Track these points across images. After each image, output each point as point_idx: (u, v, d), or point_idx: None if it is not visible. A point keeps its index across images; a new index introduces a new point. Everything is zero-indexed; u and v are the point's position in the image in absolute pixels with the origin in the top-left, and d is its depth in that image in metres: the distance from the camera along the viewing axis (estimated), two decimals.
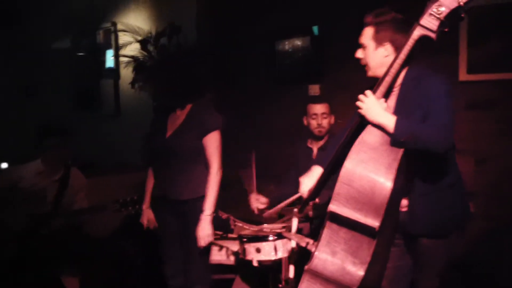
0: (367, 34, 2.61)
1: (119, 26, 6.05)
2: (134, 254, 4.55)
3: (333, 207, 2.41)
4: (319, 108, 3.90)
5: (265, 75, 5.29)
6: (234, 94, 5.43)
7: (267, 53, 5.24)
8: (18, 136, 7.12)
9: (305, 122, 3.99)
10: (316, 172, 2.82)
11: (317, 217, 3.19)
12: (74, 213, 4.08)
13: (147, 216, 3.62)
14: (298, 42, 5.05)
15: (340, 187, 2.40)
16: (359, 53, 2.66)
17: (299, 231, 3.30)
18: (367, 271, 2.39)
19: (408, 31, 2.44)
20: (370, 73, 2.65)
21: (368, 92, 2.51)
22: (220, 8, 5.62)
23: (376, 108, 2.46)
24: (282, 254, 3.27)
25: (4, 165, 5.46)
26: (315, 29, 4.91)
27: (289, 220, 3.31)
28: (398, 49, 2.50)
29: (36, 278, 3.91)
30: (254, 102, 5.35)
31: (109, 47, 6.56)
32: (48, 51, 7.52)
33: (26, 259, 3.87)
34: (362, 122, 2.53)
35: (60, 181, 4.10)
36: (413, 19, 2.44)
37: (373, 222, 2.35)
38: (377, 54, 2.60)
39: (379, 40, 2.58)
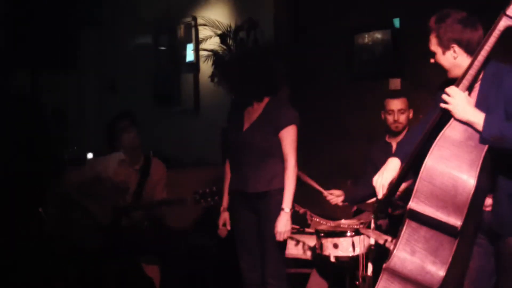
0: (432, 42, 2.59)
1: (200, 20, 6.14)
2: (211, 246, 4.62)
3: (413, 204, 2.36)
4: (396, 104, 3.82)
5: (342, 70, 5.23)
6: (310, 89, 5.40)
7: (345, 47, 5.17)
8: (102, 130, 7.39)
9: (382, 116, 3.93)
10: (392, 164, 2.75)
11: (396, 214, 3.13)
12: (154, 204, 4.19)
13: (224, 218, 3.64)
14: (378, 36, 4.97)
15: (420, 184, 2.34)
16: (432, 60, 2.64)
17: (377, 227, 3.26)
18: (448, 272, 2.33)
19: (474, 26, 2.44)
20: (449, 75, 2.61)
21: (453, 88, 2.44)
22: (297, 1, 5.60)
23: (464, 104, 2.40)
24: (359, 250, 3.23)
25: (90, 156, 5.69)
26: (396, 21, 4.81)
27: (367, 216, 3.28)
28: (468, 46, 2.48)
29: (119, 266, 4.05)
30: (331, 97, 5.29)
31: (189, 41, 6.67)
32: (129, 47, 7.73)
33: (111, 249, 4.01)
34: (444, 117, 2.47)
35: (141, 170, 4.22)
36: (478, 12, 2.42)
37: (455, 221, 2.28)
38: (446, 58, 2.57)
39: (444, 45, 2.54)
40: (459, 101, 2.41)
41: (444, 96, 2.46)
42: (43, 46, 6.27)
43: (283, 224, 3.33)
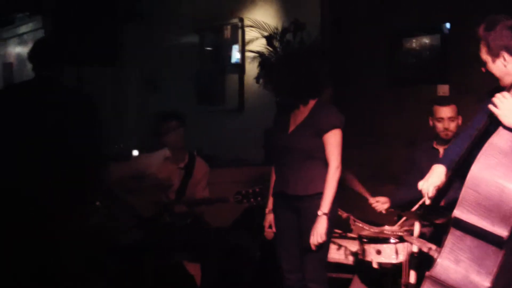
0: (482, 50, 2.58)
1: (247, 22, 6.17)
2: (252, 246, 4.64)
3: (458, 213, 2.33)
4: (445, 111, 3.76)
5: (387, 74, 5.18)
6: (353, 91, 5.37)
7: (392, 51, 5.12)
8: (146, 127, 7.50)
9: (430, 123, 3.87)
10: (438, 170, 2.72)
11: (440, 221, 3.09)
12: (196, 202, 4.24)
13: (269, 220, 3.65)
14: (426, 40, 4.90)
15: (466, 192, 2.31)
16: (483, 69, 2.61)
17: (421, 235, 3.22)
18: (494, 283, 2.29)
19: None
20: (501, 83, 2.57)
21: (506, 93, 2.40)
22: (344, 4, 5.58)
23: None
24: (403, 257, 3.20)
25: (135, 153, 5.78)
26: (445, 26, 4.74)
27: (411, 223, 3.24)
28: None
29: (160, 262, 4.11)
30: (374, 101, 5.25)
31: (235, 42, 6.71)
32: (174, 45, 7.81)
33: (151, 244, 4.07)
34: (492, 124, 2.43)
35: (185, 168, 4.28)
36: None
37: (501, 231, 2.24)
38: (497, 66, 2.55)
39: (493, 53, 2.53)
40: (509, 107, 2.37)
41: (494, 99, 2.42)
42: (87, 41, 6.39)
43: (318, 228, 3.32)
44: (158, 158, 4.28)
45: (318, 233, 3.31)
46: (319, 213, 3.31)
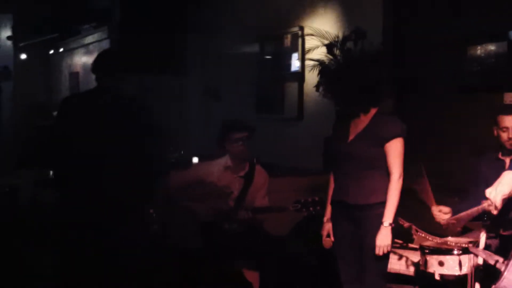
0: None
1: (307, 30, 6.17)
2: (310, 255, 4.61)
3: None
4: (510, 120, 3.63)
5: (451, 81, 5.07)
6: (416, 100, 5.28)
7: (456, 58, 5.01)
8: (206, 135, 7.58)
9: (495, 133, 3.75)
10: (508, 178, 2.61)
11: (507, 234, 2.99)
12: (255, 210, 4.23)
13: (327, 229, 3.62)
14: (492, 48, 4.77)
15: None
16: None
17: (487, 247, 3.12)
18: None
19: None
20: None
21: None
22: (406, 12, 5.50)
23: None
24: (467, 270, 3.10)
25: (195, 160, 5.85)
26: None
27: (476, 235, 3.15)
28: None
29: (219, 269, 4.12)
30: (438, 109, 5.14)
31: (295, 51, 6.71)
32: (236, 55, 7.88)
33: (211, 251, 4.10)
34: None
35: (245, 177, 4.29)
36: None
37: None
38: None
39: None
40: None
41: None
42: (152, 51, 6.56)
43: (382, 239, 3.27)
44: (219, 166, 4.31)
45: (384, 244, 3.25)
46: (385, 224, 3.26)
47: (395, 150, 3.34)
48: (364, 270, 3.39)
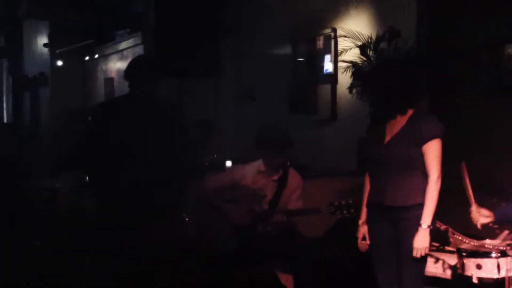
0: None
1: (339, 32, 6.14)
2: (345, 258, 4.57)
3: None
4: None
5: (490, 81, 4.97)
6: (453, 100, 5.19)
7: (494, 57, 4.92)
8: (240, 138, 7.61)
9: None
10: None
11: None
12: (289, 213, 4.22)
13: (363, 232, 3.59)
14: None
15: None
16: None
17: None
18: None
19: None
20: None
21: None
22: (441, 10, 5.42)
23: None
24: (505, 273, 3.04)
25: (229, 164, 5.87)
26: None
27: None
28: None
29: (254, 271, 4.12)
30: (476, 110, 5.05)
31: (328, 52, 6.69)
32: (269, 57, 7.89)
33: (246, 254, 4.10)
34: None
35: (279, 181, 4.28)
36: None
37: None
38: None
39: None
40: None
41: None
42: (188, 55, 6.61)
43: (420, 241, 3.22)
44: (252, 170, 4.31)
45: (422, 246, 3.22)
46: (423, 226, 3.22)
47: (433, 151, 3.29)
48: (401, 273, 3.35)
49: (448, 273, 3.70)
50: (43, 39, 11.65)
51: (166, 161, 3.46)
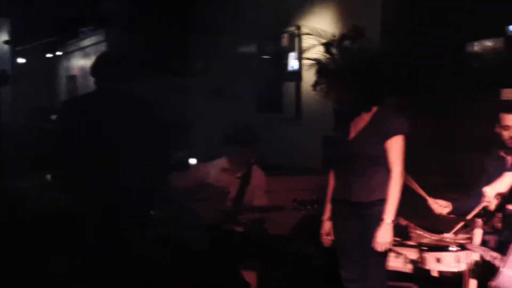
0: None
1: (304, 30, 6.17)
2: (311, 254, 4.60)
3: None
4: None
5: (451, 79, 5.06)
6: (417, 97, 5.26)
7: (455, 55, 5.00)
8: (205, 136, 7.58)
9: (497, 130, 3.73)
10: (508, 178, 2.61)
11: (506, 229, 2.98)
12: (253, 209, 4.23)
13: (327, 228, 3.61)
14: (490, 44, 4.77)
15: None
16: None
17: (484, 243, 3.11)
18: None
19: None
20: None
21: None
22: (405, 9, 5.48)
23: None
24: (464, 266, 3.10)
25: (193, 162, 5.85)
26: (509, 29, 4.60)
27: (474, 231, 3.14)
28: None
29: (219, 268, 4.12)
30: (440, 107, 5.13)
31: (293, 50, 6.72)
32: (235, 55, 7.89)
33: (213, 252, 4.09)
34: None
35: (242, 178, 4.28)
36: None
37: None
38: None
39: None
40: None
41: None
42: (155, 52, 6.58)
43: (383, 236, 3.27)
44: (216, 167, 4.31)
45: (385, 241, 3.25)
46: (387, 221, 3.25)
47: (396, 147, 3.33)
48: (365, 268, 3.39)
49: (409, 267, 3.72)
50: (3, 36, 11.43)
51: (136, 159, 3.42)
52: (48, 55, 11.42)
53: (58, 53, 11.15)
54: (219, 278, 4.07)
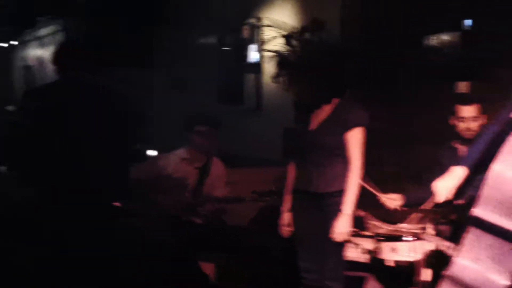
0: None
1: (264, 21, 6.17)
2: (270, 245, 4.62)
3: (478, 211, 2.29)
4: (468, 111, 3.69)
5: (409, 72, 5.13)
6: (376, 90, 5.33)
7: (413, 49, 5.08)
8: (165, 127, 7.53)
9: (452, 122, 3.81)
10: (456, 173, 2.69)
11: (459, 220, 3.05)
12: (213, 201, 4.23)
13: (286, 219, 3.63)
14: (446, 38, 4.86)
15: (487, 192, 2.27)
16: None
17: (438, 233, 3.18)
18: None
19: None
20: None
21: None
22: (364, 2, 5.54)
23: None
24: (419, 255, 3.17)
25: (153, 153, 5.80)
26: (467, 23, 4.69)
27: (427, 221, 3.21)
28: None
29: (178, 261, 4.11)
30: (399, 99, 5.21)
31: (254, 42, 6.71)
32: (196, 47, 7.85)
33: (171, 244, 4.07)
34: None
35: (201, 169, 4.28)
36: None
37: None
38: None
39: None
40: None
41: None
42: (115, 43, 6.48)
43: (341, 226, 3.31)
44: (175, 158, 4.29)
45: (343, 231, 3.30)
46: (345, 212, 3.29)
47: (356, 139, 3.38)
48: (324, 258, 3.42)
49: (365, 257, 3.79)
50: None
51: (99, 150, 3.37)
52: (3, 45, 11.15)
53: (13, 42, 10.89)
54: (178, 269, 4.06)
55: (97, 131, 3.36)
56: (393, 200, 3.69)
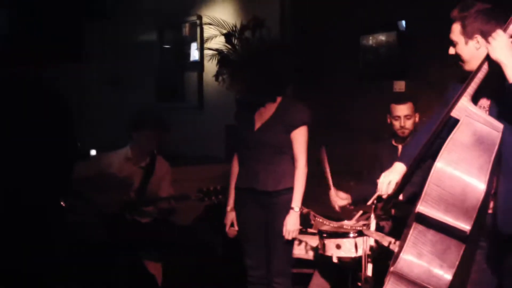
0: (455, 30, 2.56)
1: (205, 19, 6.13)
2: (215, 243, 4.63)
3: (421, 208, 2.35)
4: (402, 109, 3.80)
5: (347, 70, 5.24)
6: (314, 88, 5.41)
7: (351, 48, 5.18)
8: (105, 125, 7.39)
9: (388, 121, 3.93)
10: (397, 169, 2.77)
11: (399, 216, 3.15)
12: (157, 200, 4.20)
13: (231, 218, 3.65)
14: (382, 38, 4.97)
15: (429, 188, 2.33)
16: (451, 50, 2.61)
17: (380, 229, 3.27)
18: (454, 276, 2.34)
19: (497, 19, 2.43)
20: (466, 67, 2.58)
21: (500, 31, 2.41)
22: (303, 2, 5.61)
23: (504, 45, 2.36)
24: (362, 251, 3.25)
25: (93, 152, 5.69)
26: (401, 24, 4.82)
27: (369, 217, 3.30)
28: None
29: (122, 261, 4.06)
30: (336, 98, 5.30)
31: (194, 40, 6.68)
32: (133, 42, 7.73)
33: (114, 243, 4.02)
34: (451, 119, 2.47)
35: (146, 168, 4.23)
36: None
37: (464, 226, 2.28)
38: (468, 48, 2.53)
39: (468, 34, 2.52)
40: (501, 43, 2.37)
41: (489, 38, 2.43)
42: (47, 38, 6.26)
43: (292, 223, 3.35)
44: (119, 157, 4.23)
45: (293, 228, 3.34)
46: (295, 209, 3.34)
47: (301, 137, 3.43)
48: (271, 256, 3.46)
49: (310, 254, 3.86)
50: None
51: (36, 147, 3.27)
52: None
53: None
54: (124, 269, 4.01)
55: (28, 128, 3.27)
56: (342, 199, 3.77)
